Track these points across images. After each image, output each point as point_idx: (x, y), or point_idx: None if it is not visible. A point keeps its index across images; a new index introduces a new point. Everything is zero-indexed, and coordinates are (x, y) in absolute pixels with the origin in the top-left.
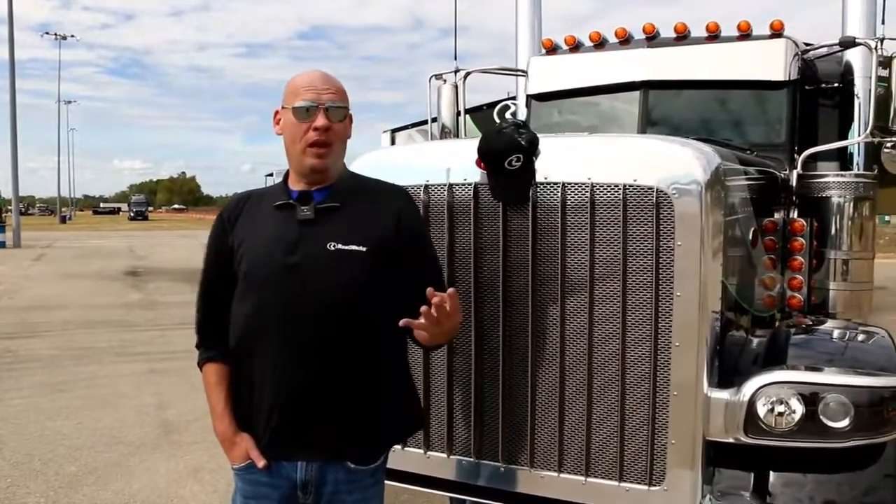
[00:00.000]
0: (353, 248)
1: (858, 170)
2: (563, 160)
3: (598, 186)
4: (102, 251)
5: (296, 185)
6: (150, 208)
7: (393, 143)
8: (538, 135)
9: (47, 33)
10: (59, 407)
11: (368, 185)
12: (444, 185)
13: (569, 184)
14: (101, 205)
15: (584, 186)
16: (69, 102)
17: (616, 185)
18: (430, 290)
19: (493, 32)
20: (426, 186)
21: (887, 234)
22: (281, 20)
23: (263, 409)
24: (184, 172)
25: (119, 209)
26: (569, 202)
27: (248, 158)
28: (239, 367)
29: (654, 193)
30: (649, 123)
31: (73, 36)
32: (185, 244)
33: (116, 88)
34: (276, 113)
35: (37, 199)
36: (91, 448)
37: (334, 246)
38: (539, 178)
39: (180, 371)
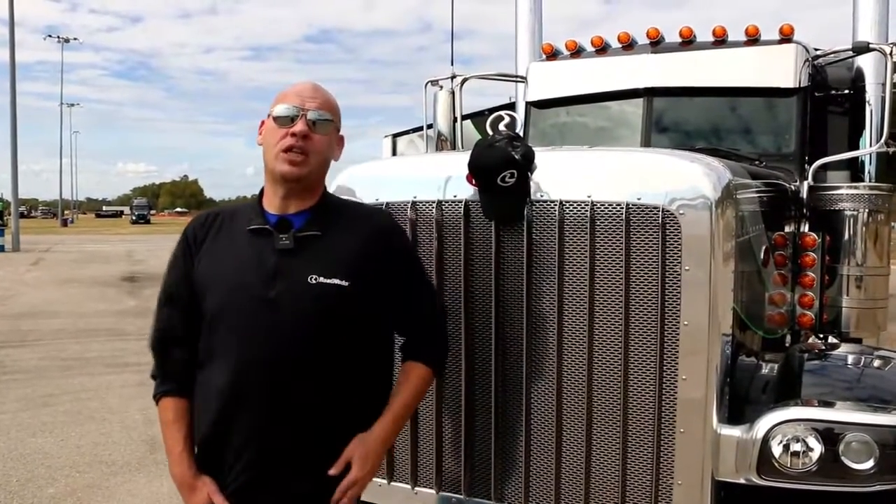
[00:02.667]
0: (336, 281)
1: (870, 179)
2: (560, 176)
3: (598, 205)
4: (101, 255)
5: (271, 204)
6: (153, 212)
7: (394, 148)
8: (534, 149)
9: (50, 36)
10: (43, 422)
11: (349, 209)
12: (433, 202)
13: (567, 202)
14: (104, 208)
15: (583, 205)
16: (72, 105)
17: (618, 204)
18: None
19: (500, 35)
20: (413, 203)
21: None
22: (288, 23)
23: (230, 456)
24: (186, 176)
25: (122, 212)
26: (567, 222)
27: (252, 161)
28: (204, 404)
29: (660, 213)
30: (653, 132)
31: (76, 39)
32: None
33: (122, 91)
34: (262, 123)
35: (40, 202)
36: (72, 468)
37: (315, 279)
38: (534, 195)
39: None
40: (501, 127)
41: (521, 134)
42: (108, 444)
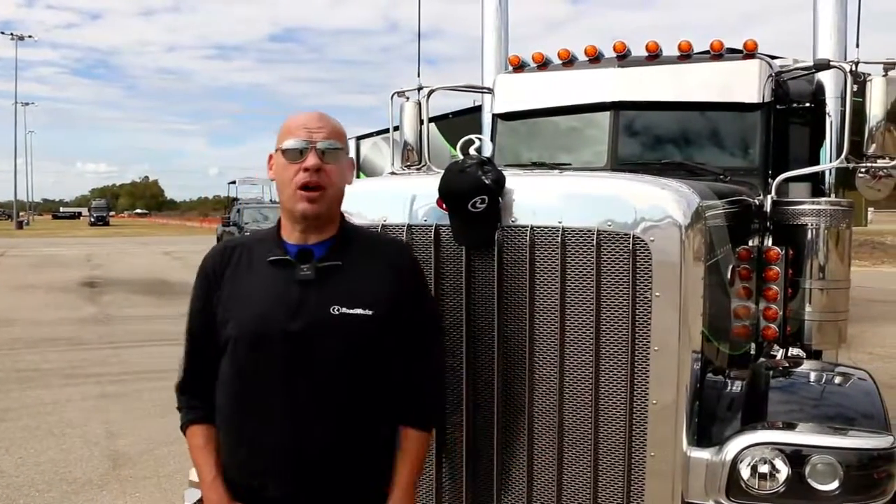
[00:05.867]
0: (359, 311)
1: (831, 191)
2: (531, 201)
3: (568, 231)
4: (58, 259)
5: (290, 236)
6: (112, 213)
7: (358, 150)
8: (504, 173)
9: (3, 33)
10: None
11: (367, 238)
12: (403, 226)
13: (537, 227)
14: (62, 209)
15: (553, 231)
16: (27, 104)
17: (588, 230)
18: None
19: (468, 36)
20: (383, 227)
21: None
22: (253, 22)
23: (256, 482)
24: (147, 176)
25: (80, 214)
26: (537, 248)
27: (215, 162)
28: (229, 432)
29: (630, 239)
30: (620, 146)
31: (30, 36)
32: (145, 252)
33: (81, 89)
34: (270, 157)
35: None
36: (31, 486)
37: (338, 310)
38: (505, 220)
39: (133, 395)
40: (472, 151)
41: (488, 145)
42: (69, 461)
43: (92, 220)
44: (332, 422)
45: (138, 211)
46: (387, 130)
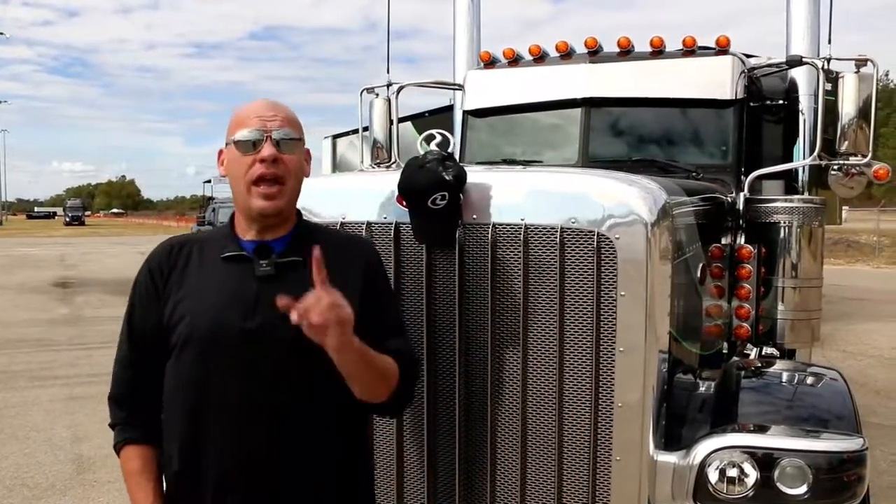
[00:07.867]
0: None
1: (803, 188)
2: (493, 198)
3: (531, 228)
4: (31, 259)
5: (245, 234)
6: (88, 213)
7: (335, 149)
8: (466, 169)
9: None
10: None
11: (328, 235)
12: (362, 223)
13: (499, 225)
14: (36, 209)
15: (516, 228)
16: (0, 102)
17: (552, 228)
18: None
19: (446, 36)
20: (342, 224)
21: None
22: (233, 20)
23: (209, 498)
24: (124, 176)
25: (55, 214)
26: (499, 246)
27: (193, 161)
28: (176, 447)
29: (595, 237)
30: (591, 143)
31: (2, 33)
32: (120, 252)
33: (57, 88)
34: (220, 152)
35: None
36: None
37: None
38: (466, 217)
39: (101, 397)
40: (433, 146)
41: (458, 142)
42: (32, 465)
43: (67, 219)
44: (286, 423)
45: (114, 210)
46: (358, 130)
